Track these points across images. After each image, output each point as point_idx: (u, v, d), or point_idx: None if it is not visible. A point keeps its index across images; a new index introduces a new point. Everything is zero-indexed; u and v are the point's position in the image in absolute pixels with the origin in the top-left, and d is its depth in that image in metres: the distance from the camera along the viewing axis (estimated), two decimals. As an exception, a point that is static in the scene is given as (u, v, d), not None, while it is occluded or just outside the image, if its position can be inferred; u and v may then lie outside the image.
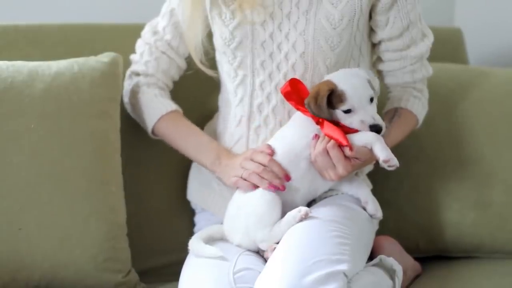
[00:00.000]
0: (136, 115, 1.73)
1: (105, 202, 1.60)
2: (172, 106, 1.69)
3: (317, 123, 1.51)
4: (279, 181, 1.52)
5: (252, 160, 1.56)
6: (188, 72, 1.73)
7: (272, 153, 1.55)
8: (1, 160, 1.54)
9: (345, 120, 1.50)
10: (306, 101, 1.51)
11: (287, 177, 1.53)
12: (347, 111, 1.49)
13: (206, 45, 1.65)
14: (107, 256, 1.58)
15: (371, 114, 1.49)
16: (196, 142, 1.67)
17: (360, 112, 1.49)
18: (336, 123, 1.51)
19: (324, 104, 1.48)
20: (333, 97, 1.49)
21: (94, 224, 1.58)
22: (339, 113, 1.50)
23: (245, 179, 1.55)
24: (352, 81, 1.51)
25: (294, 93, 1.52)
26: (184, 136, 1.68)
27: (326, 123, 1.50)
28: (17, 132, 1.55)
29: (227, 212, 1.59)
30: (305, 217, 1.47)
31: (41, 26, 1.82)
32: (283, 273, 1.36)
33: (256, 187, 1.53)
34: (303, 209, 1.47)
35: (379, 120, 1.50)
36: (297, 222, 1.47)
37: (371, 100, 1.51)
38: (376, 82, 1.55)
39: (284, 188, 1.52)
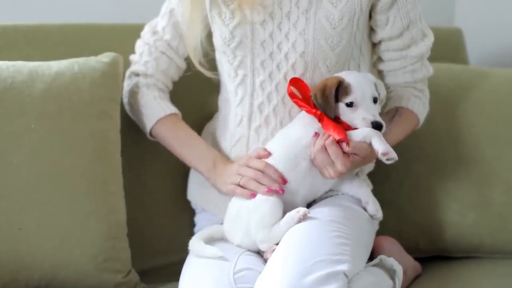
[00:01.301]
0: (134, 116, 1.73)
1: (105, 202, 1.60)
2: (171, 109, 1.69)
3: (319, 120, 1.51)
4: (276, 185, 1.52)
5: (248, 166, 1.56)
6: (187, 73, 1.72)
7: (268, 155, 1.56)
8: (1, 160, 1.54)
9: (347, 115, 1.50)
10: (312, 93, 1.51)
11: (284, 180, 1.53)
12: (350, 104, 1.50)
13: (206, 46, 1.65)
14: (107, 256, 1.58)
15: (372, 111, 1.50)
16: (193, 148, 1.67)
17: (362, 107, 1.49)
18: (338, 122, 1.51)
19: (332, 96, 1.49)
20: (339, 90, 1.50)
21: (94, 224, 1.58)
22: (342, 107, 1.50)
23: (242, 186, 1.55)
24: (358, 78, 1.52)
25: (297, 90, 1.53)
26: (181, 141, 1.68)
27: (326, 119, 1.50)
28: (17, 132, 1.55)
29: (227, 212, 1.59)
30: (304, 218, 1.47)
31: (41, 26, 1.82)
32: (283, 273, 1.36)
33: (253, 195, 1.54)
34: (302, 210, 1.47)
35: (380, 119, 1.50)
36: (296, 223, 1.47)
37: (375, 101, 1.51)
38: (382, 90, 1.56)
39: (282, 191, 1.52)
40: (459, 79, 1.90)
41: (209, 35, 1.66)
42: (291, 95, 1.53)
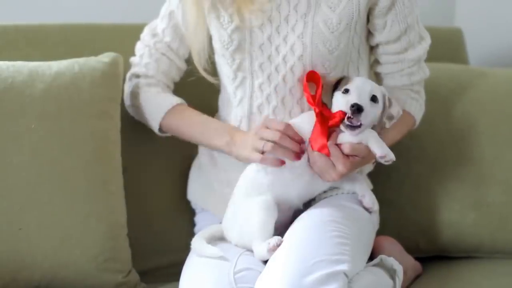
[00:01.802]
0: (140, 116, 1.73)
1: (105, 202, 1.60)
2: (176, 100, 1.69)
3: (316, 115, 1.51)
4: (298, 147, 1.51)
5: (267, 127, 1.54)
6: (191, 79, 1.71)
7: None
8: (1, 160, 1.54)
9: (340, 101, 1.50)
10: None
11: (302, 141, 1.52)
12: (346, 91, 1.50)
13: (208, 49, 1.65)
14: (108, 256, 1.58)
15: (362, 99, 1.49)
16: (206, 128, 1.65)
17: (355, 93, 1.49)
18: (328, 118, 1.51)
19: (330, 84, 1.52)
20: (341, 82, 1.53)
21: (94, 224, 1.58)
22: (338, 95, 1.51)
23: (267, 153, 1.52)
24: (364, 79, 1.53)
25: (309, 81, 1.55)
26: (192, 126, 1.67)
27: (320, 119, 1.50)
28: (17, 132, 1.55)
29: (226, 212, 1.59)
30: (277, 247, 1.44)
31: (41, 26, 1.82)
32: (284, 273, 1.36)
33: (283, 162, 1.52)
34: (273, 240, 1.45)
35: (364, 103, 1.48)
36: (270, 253, 1.44)
37: (373, 99, 1.50)
38: (395, 108, 1.55)
39: (302, 154, 1.51)
40: (459, 79, 1.90)
41: (210, 38, 1.66)
42: (305, 88, 1.53)
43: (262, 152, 1.53)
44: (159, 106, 1.68)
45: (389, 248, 1.72)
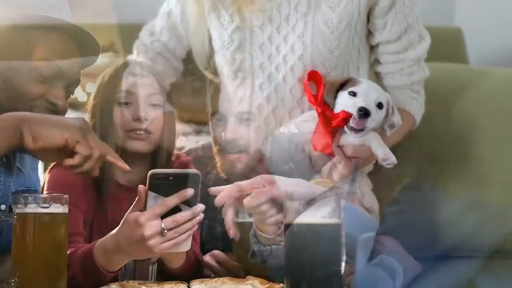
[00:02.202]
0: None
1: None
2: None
3: (318, 115, 1.51)
4: None
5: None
6: (191, 78, 1.71)
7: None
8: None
9: (345, 101, 1.50)
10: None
11: None
12: (353, 94, 1.50)
13: (209, 49, 1.65)
14: (107, 256, 1.58)
15: (368, 102, 1.49)
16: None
17: (361, 97, 1.49)
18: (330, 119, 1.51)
19: (335, 85, 1.51)
20: (348, 82, 1.52)
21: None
22: (343, 95, 1.51)
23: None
24: (371, 82, 1.54)
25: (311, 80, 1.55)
26: None
27: (322, 119, 1.50)
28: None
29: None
30: None
31: (41, 26, 1.82)
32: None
33: None
34: None
35: (371, 108, 1.49)
36: None
37: (379, 106, 1.50)
38: (396, 117, 1.55)
39: None
40: (459, 78, 1.90)
41: (210, 38, 1.66)
42: (306, 88, 1.54)
43: None
44: None
45: (389, 248, 1.72)
